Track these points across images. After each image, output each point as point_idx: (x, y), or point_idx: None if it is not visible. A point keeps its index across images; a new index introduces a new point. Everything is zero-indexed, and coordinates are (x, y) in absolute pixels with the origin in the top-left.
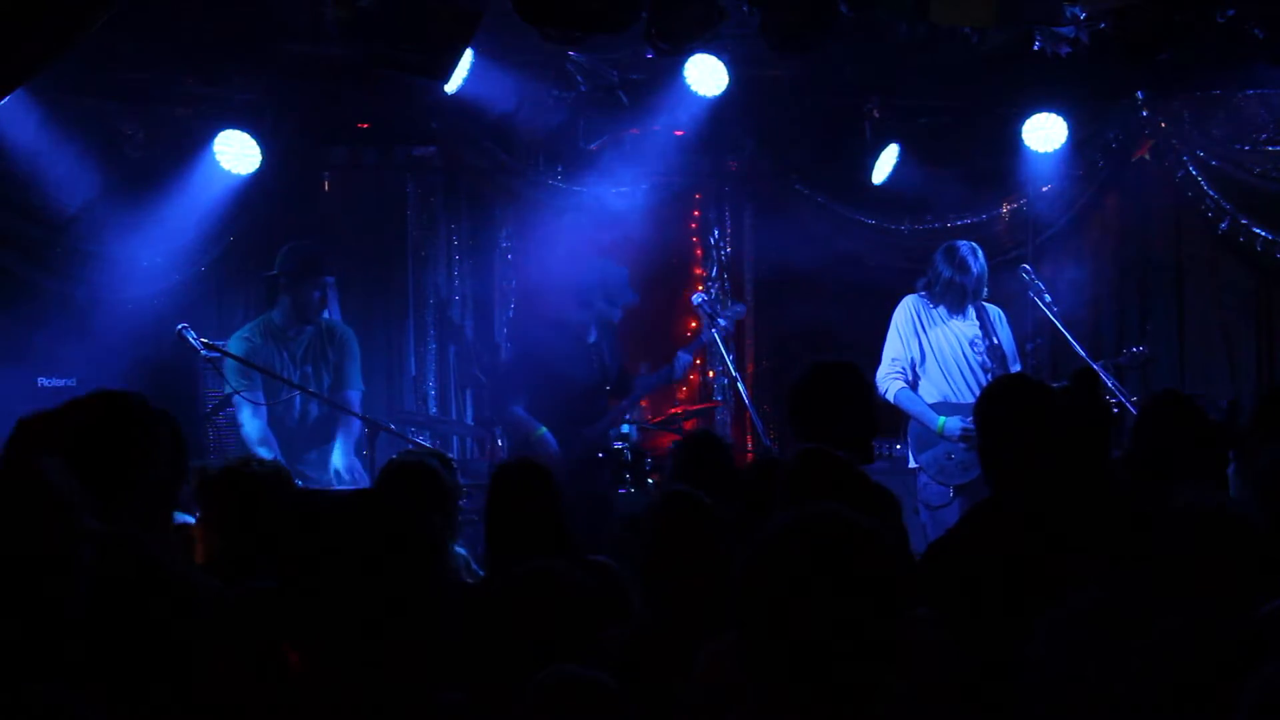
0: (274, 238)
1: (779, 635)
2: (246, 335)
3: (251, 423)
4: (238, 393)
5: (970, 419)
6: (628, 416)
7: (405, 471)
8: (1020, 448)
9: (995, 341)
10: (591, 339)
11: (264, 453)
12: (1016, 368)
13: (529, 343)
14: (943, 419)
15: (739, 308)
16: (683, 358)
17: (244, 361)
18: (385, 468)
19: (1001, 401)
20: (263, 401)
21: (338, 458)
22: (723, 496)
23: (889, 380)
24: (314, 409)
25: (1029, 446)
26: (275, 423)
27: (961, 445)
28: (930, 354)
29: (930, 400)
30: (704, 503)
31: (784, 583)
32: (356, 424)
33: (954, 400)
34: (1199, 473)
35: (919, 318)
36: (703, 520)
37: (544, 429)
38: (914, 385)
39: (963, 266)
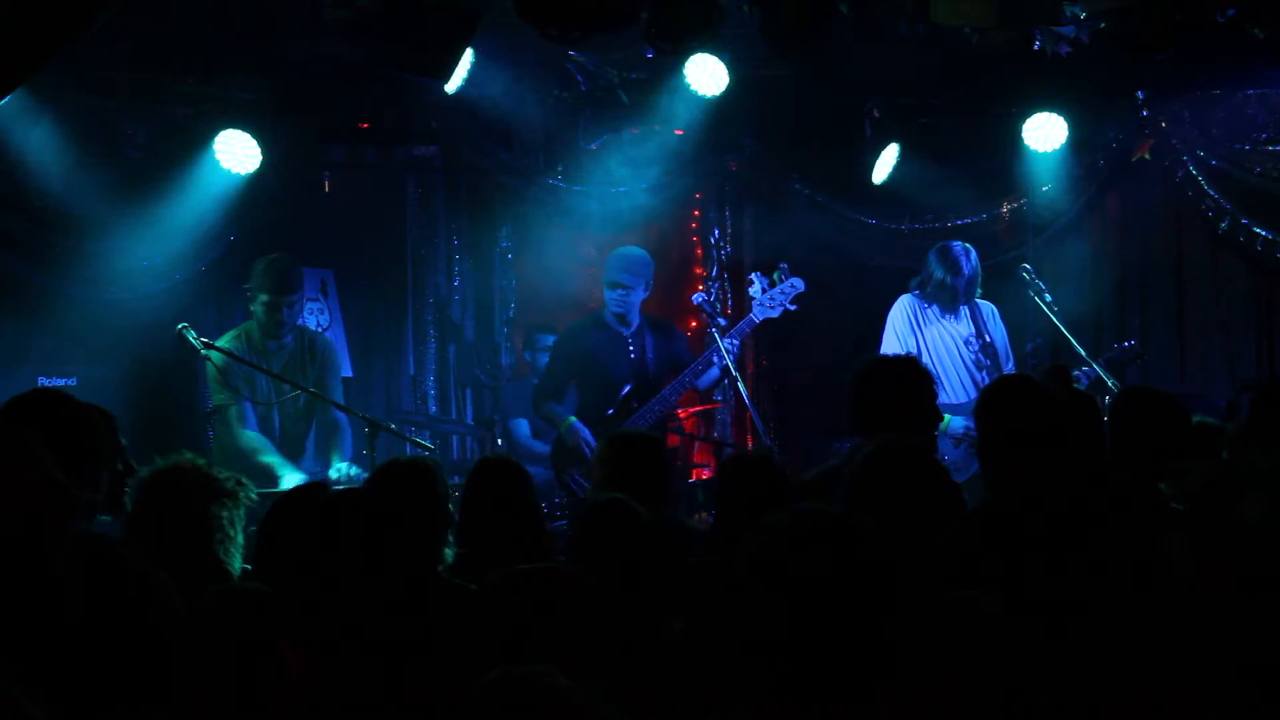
0: (274, 238)
1: (763, 636)
2: (227, 345)
3: (244, 434)
4: (217, 409)
5: (970, 419)
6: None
7: (399, 471)
8: (1019, 448)
9: (988, 339)
10: (628, 331)
11: (266, 460)
12: (1010, 365)
13: (561, 338)
14: (947, 417)
15: (795, 281)
16: (728, 345)
17: (233, 356)
18: (380, 467)
19: (1001, 402)
20: (250, 410)
21: (343, 466)
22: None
23: None
24: (289, 422)
25: (1028, 447)
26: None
27: (953, 446)
28: (926, 353)
29: None
30: (633, 509)
31: (767, 580)
32: (348, 440)
33: (948, 400)
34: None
35: (914, 317)
36: (631, 527)
37: (573, 418)
38: None
39: (955, 268)
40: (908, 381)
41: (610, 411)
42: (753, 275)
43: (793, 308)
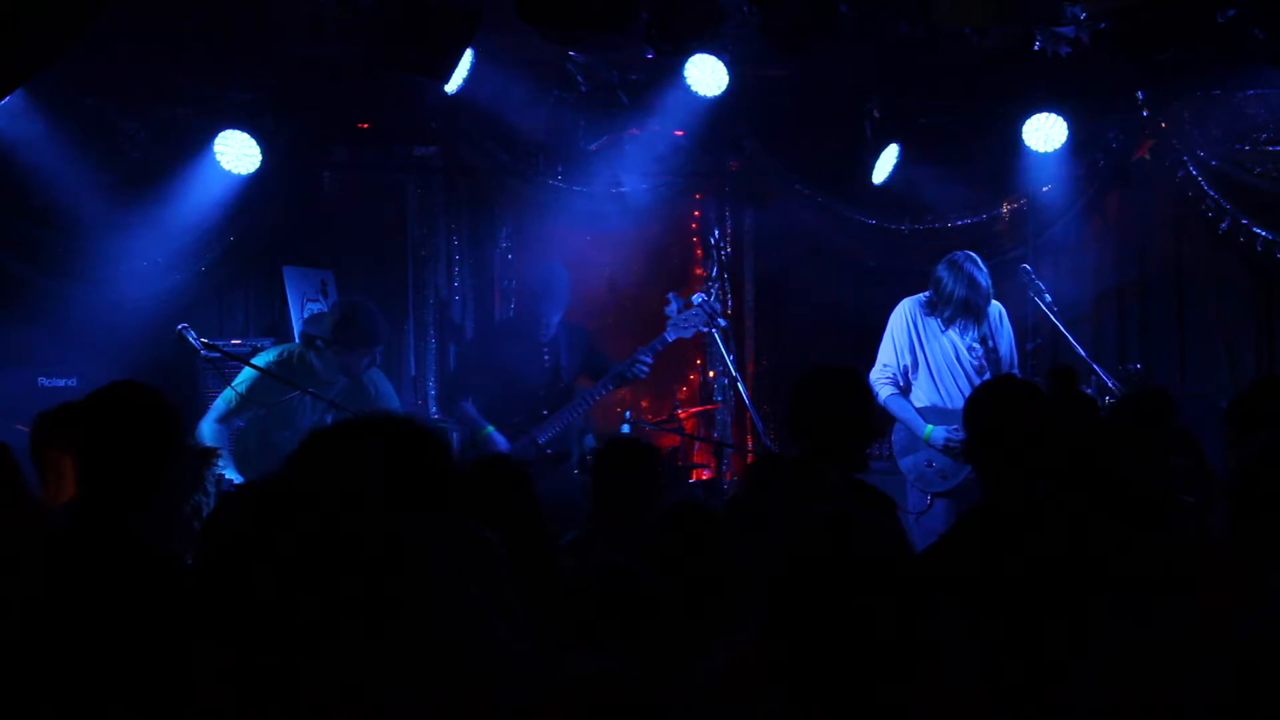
0: (274, 238)
1: (796, 632)
2: (280, 360)
3: (212, 425)
4: (227, 398)
5: (956, 429)
6: (626, 415)
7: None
8: (1007, 448)
9: (993, 344)
10: (546, 336)
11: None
12: (1015, 370)
13: (478, 339)
14: (930, 427)
15: (710, 305)
16: (641, 358)
17: (273, 374)
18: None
19: (987, 403)
20: (241, 423)
21: None
22: None
23: (880, 385)
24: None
25: (1016, 447)
26: (274, 451)
27: (939, 454)
28: (924, 361)
29: (920, 405)
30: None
31: (804, 579)
32: None
33: (945, 406)
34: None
35: (915, 325)
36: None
37: (490, 428)
38: (905, 390)
39: (972, 283)
40: (844, 393)
41: (518, 419)
42: (669, 295)
43: (704, 329)
